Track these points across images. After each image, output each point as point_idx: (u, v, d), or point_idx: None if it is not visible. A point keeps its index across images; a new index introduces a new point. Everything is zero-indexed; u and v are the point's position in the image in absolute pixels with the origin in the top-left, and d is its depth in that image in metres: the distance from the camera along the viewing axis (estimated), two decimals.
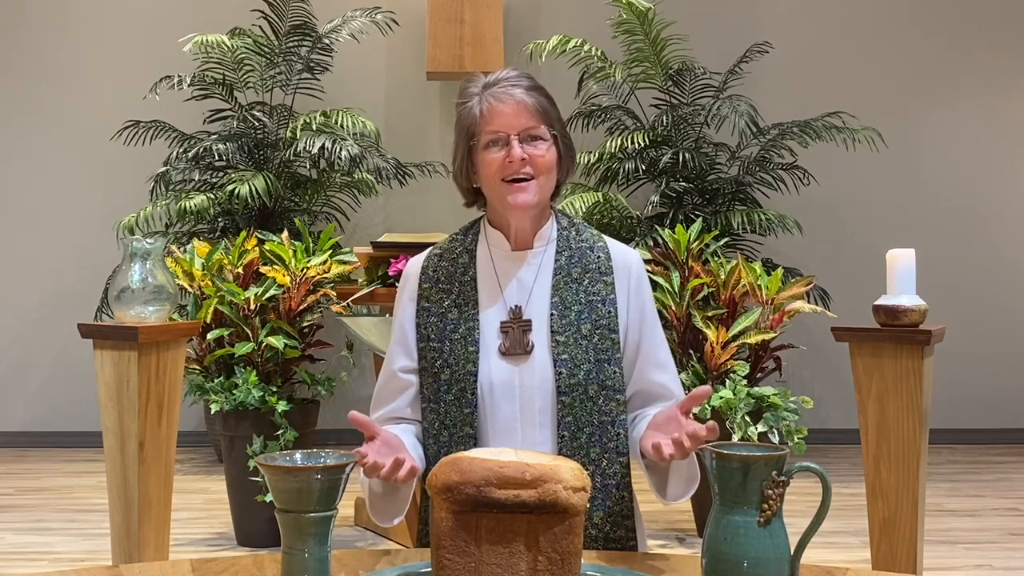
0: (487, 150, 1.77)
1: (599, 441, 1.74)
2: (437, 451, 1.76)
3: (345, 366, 4.94)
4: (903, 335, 2.77)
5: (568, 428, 1.72)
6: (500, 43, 5.97)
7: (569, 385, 1.72)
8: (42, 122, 6.34)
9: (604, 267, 1.81)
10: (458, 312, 1.79)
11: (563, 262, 1.81)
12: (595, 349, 1.75)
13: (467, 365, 1.75)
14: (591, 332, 1.75)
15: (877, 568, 2.84)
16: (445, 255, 1.86)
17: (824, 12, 6.49)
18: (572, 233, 1.85)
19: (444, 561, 1.26)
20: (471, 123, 1.79)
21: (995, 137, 6.50)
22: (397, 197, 6.26)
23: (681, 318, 4.19)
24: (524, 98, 1.77)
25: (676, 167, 5.60)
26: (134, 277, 2.92)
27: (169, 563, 1.53)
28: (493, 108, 1.76)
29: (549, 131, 1.79)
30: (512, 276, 1.81)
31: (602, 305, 1.78)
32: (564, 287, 1.79)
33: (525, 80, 1.81)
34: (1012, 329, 6.46)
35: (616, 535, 1.76)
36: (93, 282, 5.92)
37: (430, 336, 1.79)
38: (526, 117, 1.76)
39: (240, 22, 5.93)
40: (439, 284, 1.83)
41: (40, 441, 6.25)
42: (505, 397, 1.74)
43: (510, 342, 1.76)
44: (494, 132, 1.76)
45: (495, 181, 1.77)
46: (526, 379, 1.74)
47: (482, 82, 1.82)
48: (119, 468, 2.88)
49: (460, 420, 1.74)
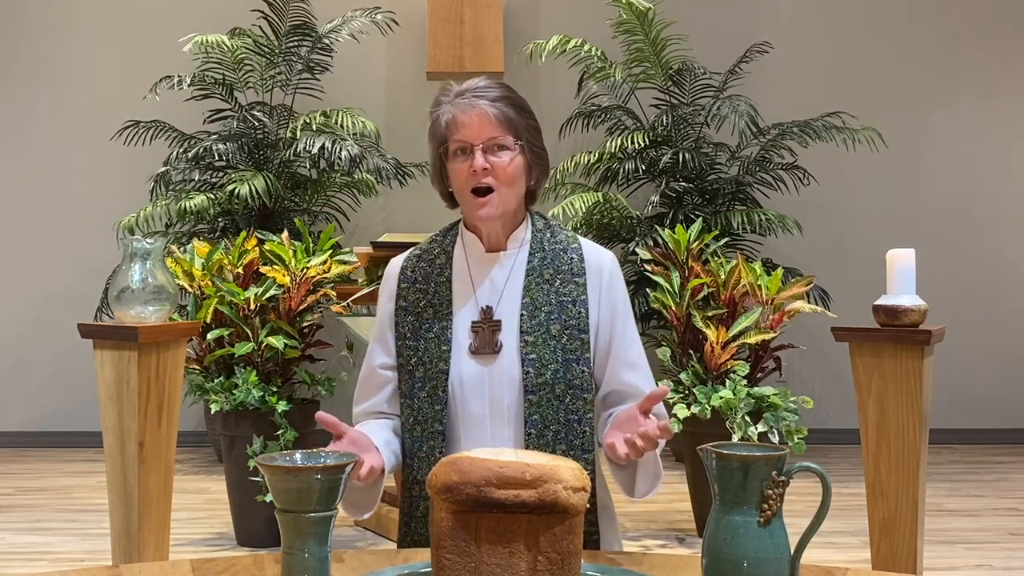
0: (455, 159, 1.83)
1: (565, 439, 1.79)
2: (411, 445, 1.83)
3: (345, 366, 4.93)
4: (903, 335, 2.77)
5: (535, 426, 1.78)
6: (500, 43, 5.97)
7: (536, 384, 1.78)
8: (42, 122, 6.34)
9: (576, 268, 1.85)
10: (433, 312, 1.85)
11: (535, 263, 1.86)
12: (563, 349, 1.80)
13: (439, 363, 1.81)
14: (560, 332, 1.80)
15: (877, 568, 2.84)
16: (423, 256, 1.92)
17: (824, 12, 6.49)
18: (547, 235, 1.89)
19: (444, 561, 1.26)
20: (440, 132, 1.85)
21: (995, 137, 6.50)
22: (397, 197, 6.26)
23: (681, 318, 4.19)
24: (487, 109, 1.81)
25: (676, 167, 5.60)
26: (134, 277, 2.92)
27: (169, 563, 1.53)
28: (458, 119, 1.82)
29: (514, 141, 1.82)
30: (485, 277, 1.87)
31: (572, 306, 1.82)
32: (535, 288, 1.84)
33: (494, 89, 1.84)
34: (1012, 329, 6.46)
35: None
36: (93, 282, 5.92)
37: (406, 334, 1.86)
38: (490, 127, 1.81)
39: (240, 22, 5.93)
40: (416, 284, 1.89)
41: (40, 441, 6.25)
42: (475, 394, 1.80)
43: (479, 342, 1.82)
44: (460, 142, 1.82)
45: (463, 191, 1.83)
46: (495, 377, 1.80)
47: (453, 89, 1.87)
48: (119, 468, 2.88)
49: (431, 416, 1.81)
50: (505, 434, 1.79)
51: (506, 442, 1.79)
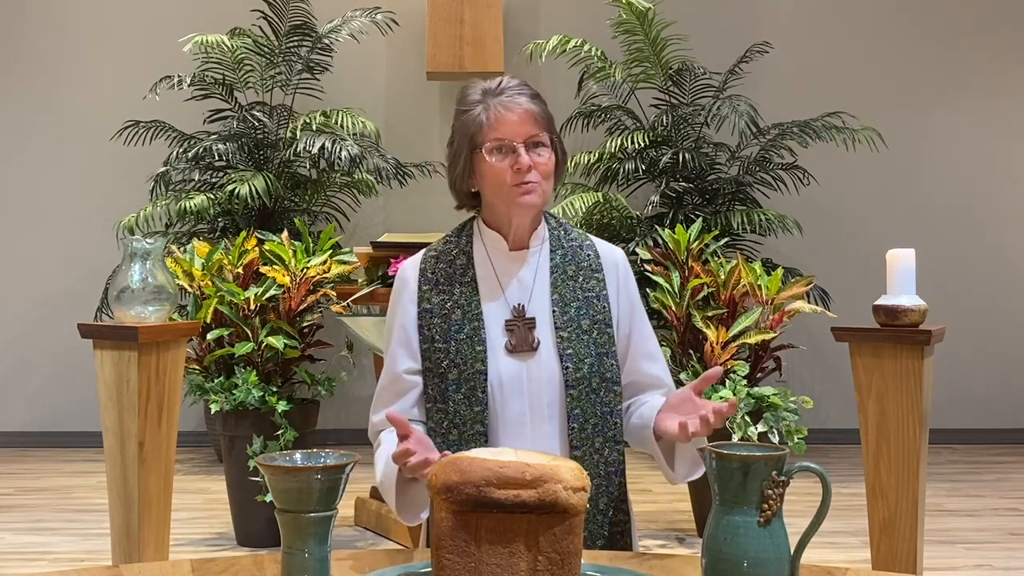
0: (492, 156, 1.81)
1: (601, 431, 1.82)
2: (446, 449, 1.78)
3: (345, 366, 4.94)
4: (903, 335, 2.77)
5: (577, 420, 1.80)
6: (500, 43, 5.97)
7: (576, 379, 1.80)
8: (42, 122, 6.34)
9: (594, 264, 1.90)
10: (461, 312, 1.83)
11: (558, 260, 1.88)
12: (595, 343, 1.83)
13: (476, 364, 1.80)
14: (590, 327, 1.83)
15: (877, 568, 2.84)
16: (441, 257, 1.90)
17: (824, 12, 6.49)
18: (561, 233, 1.92)
19: (444, 561, 1.26)
20: (475, 130, 1.83)
21: (995, 137, 6.50)
22: (397, 197, 6.26)
23: (681, 318, 4.19)
24: (530, 107, 1.82)
25: (676, 167, 5.60)
26: (134, 277, 2.92)
27: (169, 563, 1.53)
28: (500, 116, 1.81)
29: (550, 137, 1.84)
30: (512, 275, 1.87)
31: (596, 301, 1.86)
32: (562, 284, 1.86)
33: (527, 89, 1.86)
34: (1012, 329, 6.46)
35: (617, 519, 1.84)
36: (93, 282, 5.92)
37: (434, 337, 1.83)
38: (531, 125, 1.81)
39: (240, 22, 5.93)
40: (439, 286, 1.87)
41: (40, 441, 6.25)
42: (514, 393, 1.80)
43: (516, 339, 1.82)
44: (500, 139, 1.81)
45: (502, 188, 1.82)
46: (534, 374, 1.81)
47: (481, 87, 1.85)
48: (119, 468, 2.88)
49: (470, 418, 1.79)
50: (547, 430, 1.80)
51: (548, 439, 1.80)
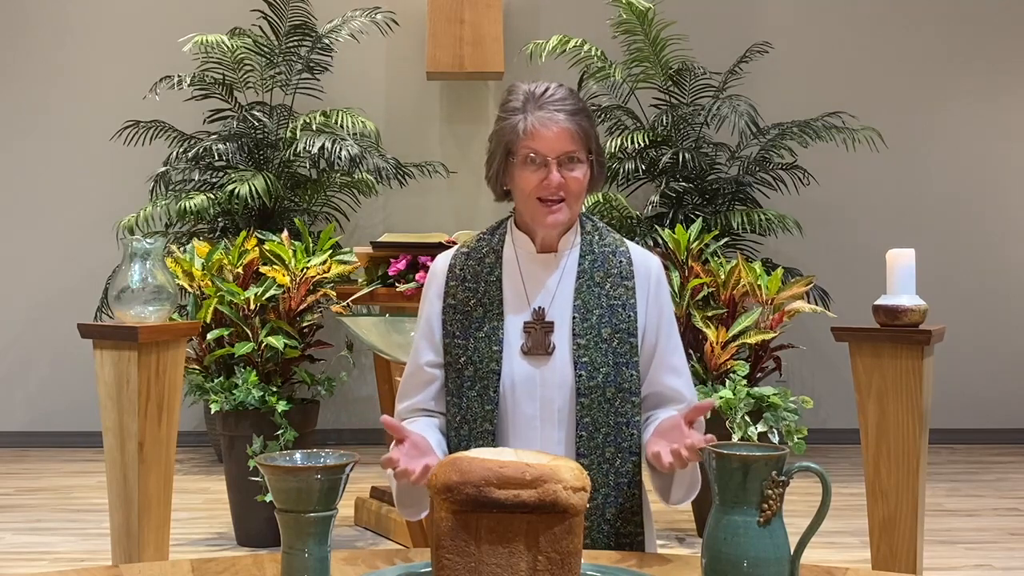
0: (524, 166, 1.80)
1: (614, 441, 1.79)
2: (458, 444, 1.82)
3: (345, 366, 4.94)
4: (903, 335, 2.77)
5: (586, 428, 1.78)
6: (500, 43, 5.97)
7: (588, 387, 1.78)
8: (42, 122, 6.34)
9: (626, 272, 1.86)
10: (483, 311, 1.84)
11: (586, 266, 1.86)
12: (614, 352, 1.80)
13: (490, 363, 1.81)
14: (611, 336, 1.81)
15: (877, 568, 2.84)
16: (472, 254, 1.90)
17: (824, 12, 6.49)
18: (595, 238, 1.89)
19: (444, 561, 1.26)
20: (512, 138, 1.81)
21: (995, 137, 6.50)
22: (397, 197, 6.26)
23: (681, 318, 4.19)
24: (568, 125, 1.79)
25: (676, 167, 5.60)
26: (134, 277, 2.92)
27: (169, 563, 1.53)
28: (536, 130, 1.79)
29: (587, 155, 1.82)
30: (537, 278, 1.86)
31: (622, 309, 1.83)
32: (587, 291, 1.84)
33: (570, 101, 1.82)
34: (1012, 329, 6.45)
35: (627, 531, 1.81)
36: (93, 282, 5.92)
37: (455, 333, 1.84)
38: (567, 142, 1.79)
39: (240, 22, 5.93)
40: (465, 282, 1.87)
41: (40, 441, 6.25)
42: (526, 396, 1.80)
43: (532, 342, 1.81)
44: (534, 152, 1.79)
45: (530, 198, 1.81)
46: (547, 379, 1.80)
47: (524, 92, 1.82)
48: (119, 468, 2.88)
49: (481, 416, 1.80)
50: (556, 436, 1.79)
51: (557, 444, 1.79)
